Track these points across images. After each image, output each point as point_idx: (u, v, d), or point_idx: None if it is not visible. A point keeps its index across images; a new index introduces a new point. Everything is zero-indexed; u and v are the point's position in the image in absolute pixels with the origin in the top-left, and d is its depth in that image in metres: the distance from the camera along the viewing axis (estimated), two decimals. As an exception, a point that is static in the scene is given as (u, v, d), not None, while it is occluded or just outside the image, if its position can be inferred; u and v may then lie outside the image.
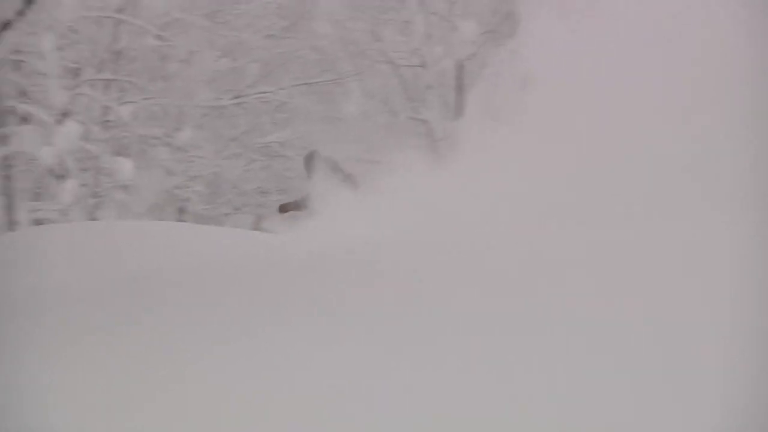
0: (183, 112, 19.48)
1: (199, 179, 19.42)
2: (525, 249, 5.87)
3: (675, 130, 7.92)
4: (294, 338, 4.49)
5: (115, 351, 4.54)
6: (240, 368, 4.14)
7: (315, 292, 5.45)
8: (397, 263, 5.94)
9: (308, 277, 6.07)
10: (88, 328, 5.02)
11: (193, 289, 6.10)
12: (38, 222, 16.49)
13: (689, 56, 8.54)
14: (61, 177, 16.29)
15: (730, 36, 8.24)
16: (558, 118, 9.27)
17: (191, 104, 19.11)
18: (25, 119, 17.10)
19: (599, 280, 4.82)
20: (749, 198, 6.55)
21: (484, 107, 11.04)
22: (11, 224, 15.65)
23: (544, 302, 4.59)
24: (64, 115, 16.54)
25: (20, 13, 13.35)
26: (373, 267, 5.87)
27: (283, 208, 14.03)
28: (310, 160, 13.42)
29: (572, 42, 9.73)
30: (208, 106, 19.61)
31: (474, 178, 9.43)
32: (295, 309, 5.05)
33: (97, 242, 9.32)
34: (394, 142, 18.39)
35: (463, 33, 19.05)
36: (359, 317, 4.66)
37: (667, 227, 5.72)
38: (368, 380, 3.85)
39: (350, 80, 20.23)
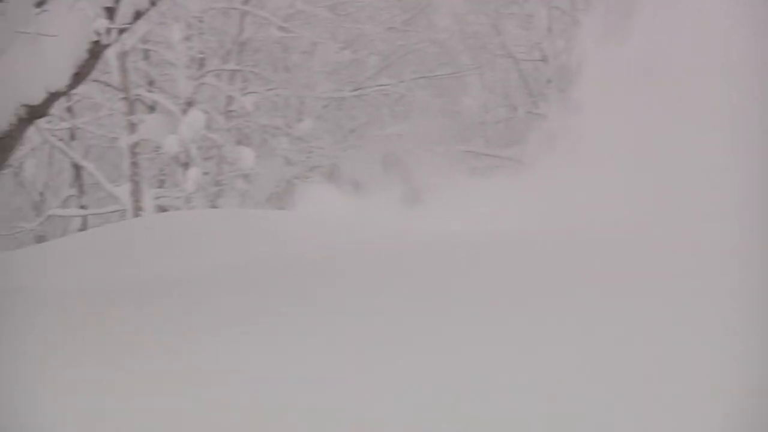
0: (304, 102, 19.72)
1: (318, 170, 19.64)
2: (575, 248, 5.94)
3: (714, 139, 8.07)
4: (404, 327, 4.55)
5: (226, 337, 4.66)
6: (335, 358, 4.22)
7: (419, 282, 5.52)
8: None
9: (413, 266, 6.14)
10: (199, 315, 5.14)
11: (303, 278, 6.21)
12: (162, 208, 16.92)
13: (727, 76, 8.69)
14: (184, 165, 16.71)
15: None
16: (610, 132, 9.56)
17: (312, 95, 19.33)
18: (152, 108, 17.59)
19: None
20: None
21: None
22: (137, 210, 16.10)
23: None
24: (189, 104, 16.95)
25: (152, 3, 13.69)
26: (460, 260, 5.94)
27: (356, 184, 14.32)
28: (387, 160, 13.96)
29: (620, 64, 10.03)
30: (329, 98, 19.81)
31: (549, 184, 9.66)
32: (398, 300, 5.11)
33: (217, 230, 9.55)
34: (512, 136, 18.33)
35: (585, 27, 18.80)
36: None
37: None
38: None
39: (469, 74, 20.18)
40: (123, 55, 15.96)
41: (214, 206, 17.07)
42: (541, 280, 5.23)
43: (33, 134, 16.06)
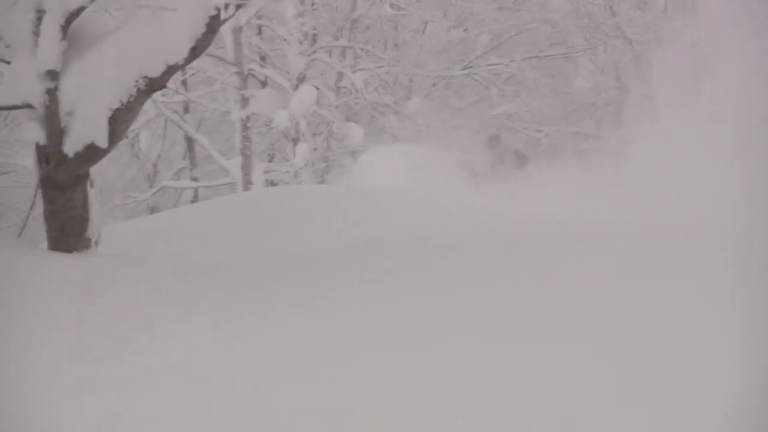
0: (413, 81, 19.73)
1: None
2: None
3: None
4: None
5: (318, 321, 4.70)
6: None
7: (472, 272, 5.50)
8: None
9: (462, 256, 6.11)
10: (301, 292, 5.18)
11: (413, 256, 6.21)
12: (271, 182, 17.15)
13: None
14: (294, 140, 16.91)
15: None
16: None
17: (421, 73, 19.32)
18: (264, 83, 17.82)
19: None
20: None
21: None
22: (246, 183, 16.35)
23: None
24: (301, 79, 17.11)
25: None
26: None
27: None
28: (492, 141, 13.85)
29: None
30: (438, 76, 19.77)
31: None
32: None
33: (325, 206, 9.64)
34: (624, 119, 18.04)
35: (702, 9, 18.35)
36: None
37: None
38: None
39: (582, 54, 19.91)
40: (237, 30, 16.19)
41: (322, 182, 17.23)
42: (542, 274, 5.19)
43: (149, 107, 16.43)
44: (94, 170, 6.06)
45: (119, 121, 5.66)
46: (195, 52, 5.60)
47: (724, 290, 4.55)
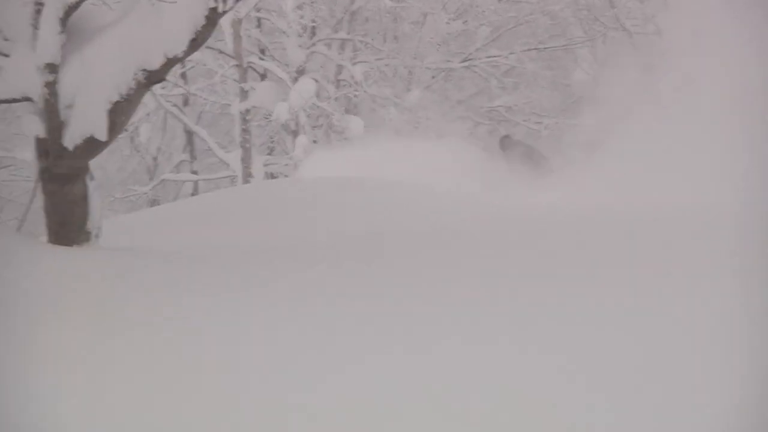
0: (412, 73, 19.70)
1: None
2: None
3: None
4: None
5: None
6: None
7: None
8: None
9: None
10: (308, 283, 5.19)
11: (406, 249, 6.23)
12: (271, 175, 17.15)
13: None
14: (294, 132, 16.89)
15: None
16: None
17: (421, 66, 19.29)
18: (263, 75, 17.80)
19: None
20: None
21: None
22: (246, 176, 16.35)
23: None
24: (300, 72, 17.11)
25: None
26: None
27: (506, 142, 14.06)
28: (504, 142, 13.78)
29: None
30: (437, 68, 19.73)
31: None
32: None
33: (324, 198, 9.64)
34: (623, 111, 18.02)
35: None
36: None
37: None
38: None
39: (581, 46, 19.88)
40: (237, 23, 16.17)
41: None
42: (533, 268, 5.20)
43: (148, 99, 16.42)
44: (93, 163, 6.06)
45: (119, 113, 5.66)
46: (194, 44, 5.60)
47: (725, 286, 4.56)
